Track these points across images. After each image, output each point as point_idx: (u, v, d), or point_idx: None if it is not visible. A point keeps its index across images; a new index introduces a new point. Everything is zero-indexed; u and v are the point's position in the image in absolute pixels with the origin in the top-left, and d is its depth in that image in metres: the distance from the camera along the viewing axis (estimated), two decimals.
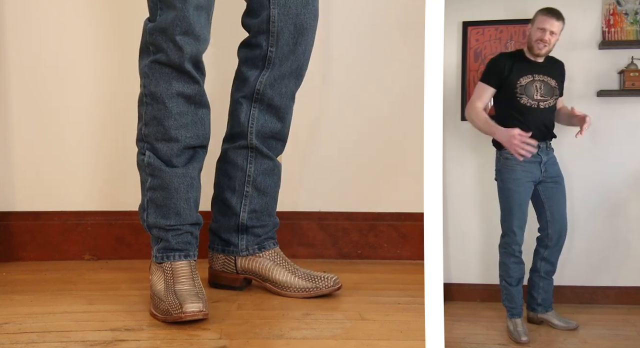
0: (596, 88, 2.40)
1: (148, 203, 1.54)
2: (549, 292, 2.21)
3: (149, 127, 1.51)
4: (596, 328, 2.22)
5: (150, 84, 1.49)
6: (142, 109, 1.53)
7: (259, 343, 1.30)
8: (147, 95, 1.50)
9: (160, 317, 1.42)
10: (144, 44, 1.50)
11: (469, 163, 2.41)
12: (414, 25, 2.12)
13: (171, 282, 1.47)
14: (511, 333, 2.09)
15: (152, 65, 1.48)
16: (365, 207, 2.13)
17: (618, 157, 2.40)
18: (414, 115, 2.16)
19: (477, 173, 2.49)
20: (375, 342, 1.32)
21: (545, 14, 2.17)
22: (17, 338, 1.28)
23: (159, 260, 1.52)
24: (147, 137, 1.52)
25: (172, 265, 1.50)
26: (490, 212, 2.47)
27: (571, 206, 2.42)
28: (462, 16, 2.49)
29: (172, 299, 1.41)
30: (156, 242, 1.54)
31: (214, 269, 1.73)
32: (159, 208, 1.52)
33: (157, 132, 1.50)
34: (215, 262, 1.72)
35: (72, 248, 2.03)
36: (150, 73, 1.48)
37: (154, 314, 1.45)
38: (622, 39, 2.41)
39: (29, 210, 2.02)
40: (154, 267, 1.55)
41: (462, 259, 2.48)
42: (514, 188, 2.15)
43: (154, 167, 1.51)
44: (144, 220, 1.56)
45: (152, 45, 1.47)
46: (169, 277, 1.48)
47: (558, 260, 2.22)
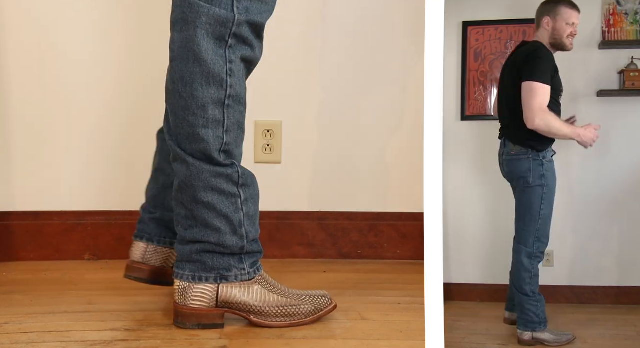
0: (596, 88, 2.41)
1: (244, 219, 1.35)
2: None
3: (230, 134, 1.32)
4: (596, 328, 2.23)
5: (237, 83, 1.31)
6: (219, 113, 1.30)
7: (259, 343, 1.30)
8: (231, 97, 1.30)
9: (307, 320, 1.38)
10: (221, 33, 1.27)
11: (468, 163, 2.42)
12: (414, 25, 2.12)
13: (278, 288, 1.39)
14: (555, 339, 2.07)
15: (240, 62, 1.31)
16: (365, 207, 2.13)
17: (618, 156, 2.41)
18: (414, 115, 2.17)
19: (477, 173, 2.49)
20: (375, 342, 1.32)
21: (571, 8, 2.13)
22: (17, 338, 1.28)
23: (252, 276, 1.37)
24: (229, 145, 1.32)
25: (262, 274, 1.40)
26: (490, 212, 2.48)
27: (571, 206, 2.42)
28: (462, 16, 2.50)
29: (307, 298, 1.39)
30: (249, 258, 1.38)
31: (152, 264, 1.52)
32: (251, 220, 1.37)
33: (237, 138, 1.34)
34: (157, 255, 1.52)
35: (72, 248, 2.03)
36: (237, 71, 1.30)
37: (294, 323, 1.37)
38: (622, 39, 2.42)
39: (29, 210, 2.02)
40: (238, 288, 1.36)
41: (462, 259, 2.49)
42: (554, 193, 2.10)
43: (247, 176, 1.36)
44: (243, 239, 1.35)
45: (239, 38, 1.29)
46: (269, 283, 1.39)
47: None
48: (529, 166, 2.08)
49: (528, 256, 2.08)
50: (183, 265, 1.34)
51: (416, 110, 2.18)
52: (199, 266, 1.34)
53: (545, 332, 2.08)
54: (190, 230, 1.33)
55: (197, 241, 1.33)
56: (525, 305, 2.09)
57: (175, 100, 1.30)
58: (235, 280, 1.35)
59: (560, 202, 2.21)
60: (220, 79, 1.28)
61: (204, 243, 1.33)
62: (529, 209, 2.08)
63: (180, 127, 1.30)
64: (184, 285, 1.33)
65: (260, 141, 2.13)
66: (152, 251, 1.49)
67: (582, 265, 2.43)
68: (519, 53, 2.13)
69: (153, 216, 1.50)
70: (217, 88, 1.28)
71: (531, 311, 2.08)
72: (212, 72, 1.27)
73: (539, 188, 2.07)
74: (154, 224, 1.50)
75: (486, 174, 2.44)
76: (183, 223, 1.35)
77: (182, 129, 1.30)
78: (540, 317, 2.08)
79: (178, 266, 1.35)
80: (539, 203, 2.07)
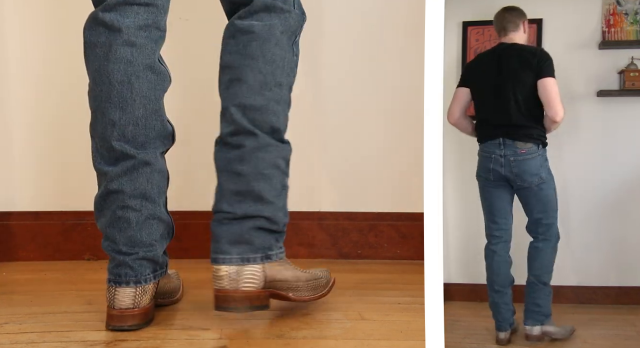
0: (596, 88, 2.41)
1: (286, 199, 1.44)
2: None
3: (287, 118, 1.49)
4: (596, 328, 2.23)
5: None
6: (289, 96, 1.45)
7: (259, 343, 1.30)
8: (292, 87, 1.48)
9: (325, 292, 1.48)
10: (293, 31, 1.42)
11: (468, 163, 2.41)
12: (414, 25, 2.12)
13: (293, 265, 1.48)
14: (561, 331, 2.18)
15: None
16: (365, 207, 2.13)
17: (618, 156, 2.41)
18: (413, 115, 2.17)
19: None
20: (375, 342, 1.32)
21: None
22: (17, 338, 1.28)
23: (284, 254, 1.45)
24: (286, 126, 1.48)
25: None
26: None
27: (571, 206, 2.42)
28: (462, 16, 2.50)
29: (318, 272, 1.49)
30: (282, 237, 1.44)
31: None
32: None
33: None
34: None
35: (72, 248, 2.03)
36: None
37: (318, 295, 1.47)
38: (622, 39, 2.42)
39: (29, 210, 2.02)
40: (277, 266, 1.41)
41: (462, 259, 2.49)
42: None
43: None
44: (286, 217, 1.43)
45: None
46: (287, 261, 1.46)
47: None
48: (540, 162, 2.13)
49: (556, 245, 2.18)
50: (228, 249, 1.34)
51: (416, 110, 2.18)
52: (246, 248, 1.35)
53: (551, 325, 2.13)
54: (239, 204, 1.35)
55: (249, 216, 1.35)
56: (542, 297, 2.16)
57: (253, 74, 1.35)
58: (275, 259, 1.39)
59: (561, 201, 2.21)
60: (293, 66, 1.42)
61: (256, 219, 1.35)
62: (548, 202, 2.16)
63: (255, 100, 1.35)
64: (234, 269, 1.34)
65: None
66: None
67: (582, 265, 2.43)
68: (523, 54, 2.16)
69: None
70: (292, 74, 1.42)
71: (546, 302, 2.15)
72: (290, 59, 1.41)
73: (551, 181, 2.17)
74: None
75: None
76: (230, 199, 1.35)
77: (255, 101, 1.35)
78: (549, 308, 2.14)
79: (222, 250, 1.34)
80: (554, 194, 2.17)
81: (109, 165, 1.32)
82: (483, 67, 2.24)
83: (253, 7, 1.38)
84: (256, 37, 1.36)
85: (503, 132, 2.17)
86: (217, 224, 1.36)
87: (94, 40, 1.31)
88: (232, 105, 1.36)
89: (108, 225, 1.32)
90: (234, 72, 1.36)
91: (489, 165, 2.19)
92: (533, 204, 2.17)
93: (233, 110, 1.35)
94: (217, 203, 1.37)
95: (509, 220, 2.22)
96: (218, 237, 1.35)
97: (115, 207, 1.31)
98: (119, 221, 1.31)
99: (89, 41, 1.32)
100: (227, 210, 1.35)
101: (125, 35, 1.29)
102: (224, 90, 1.38)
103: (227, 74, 1.38)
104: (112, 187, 1.30)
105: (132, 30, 1.30)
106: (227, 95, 1.37)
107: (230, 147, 1.36)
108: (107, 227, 1.32)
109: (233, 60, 1.37)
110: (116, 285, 1.31)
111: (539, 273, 2.18)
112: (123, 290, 1.31)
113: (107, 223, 1.32)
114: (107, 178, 1.31)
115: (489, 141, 2.19)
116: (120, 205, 1.30)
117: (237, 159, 1.35)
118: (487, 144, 2.20)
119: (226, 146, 1.37)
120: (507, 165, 2.15)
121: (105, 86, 1.32)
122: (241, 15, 1.38)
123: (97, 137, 1.35)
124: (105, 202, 1.32)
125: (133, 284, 1.31)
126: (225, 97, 1.38)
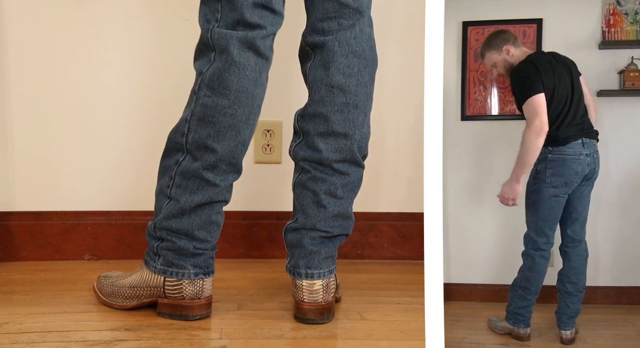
0: (596, 88, 2.41)
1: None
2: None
3: None
4: (596, 328, 2.23)
5: None
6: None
7: (259, 343, 1.30)
8: None
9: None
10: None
11: (468, 163, 2.41)
12: (414, 25, 2.12)
13: None
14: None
15: None
16: (365, 207, 2.13)
17: (618, 156, 2.40)
18: (413, 115, 2.17)
19: (477, 173, 2.49)
20: (375, 342, 1.32)
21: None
22: (17, 338, 1.28)
23: None
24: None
25: None
26: (490, 212, 2.47)
27: None
28: (462, 16, 2.50)
29: None
30: None
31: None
32: None
33: None
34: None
35: (72, 248, 2.03)
36: None
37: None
38: (622, 39, 2.41)
39: (29, 210, 2.02)
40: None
41: (462, 259, 2.49)
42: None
43: None
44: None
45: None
46: None
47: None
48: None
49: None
50: (320, 264, 1.43)
51: (416, 111, 2.18)
52: (330, 261, 1.46)
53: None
54: (334, 222, 1.44)
55: (340, 234, 1.47)
56: (576, 301, 2.15)
57: (368, 106, 1.46)
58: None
59: None
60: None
61: (344, 236, 1.48)
62: (588, 202, 2.17)
63: (366, 134, 1.47)
64: (325, 283, 1.43)
65: (260, 141, 2.13)
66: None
67: None
68: (556, 57, 2.19)
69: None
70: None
71: (579, 305, 2.16)
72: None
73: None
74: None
75: (486, 173, 2.44)
76: (331, 223, 1.44)
77: (367, 136, 1.48)
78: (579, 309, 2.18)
79: (316, 265, 1.43)
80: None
81: (221, 178, 1.40)
82: (549, 70, 2.16)
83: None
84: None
85: (582, 132, 2.13)
86: (312, 242, 1.43)
87: (244, 62, 1.35)
88: (354, 139, 1.44)
89: (200, 227, 1.41)
90: (363, 104, 1.44)
91: (576, 168, 2.10)
92: (587, 201, 2.17)
93: (353, 143, 1.43)
94: (317, 223, 1.43)
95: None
96: (315, 254, 1.43)
97: (213, 213, 1.41)
98: (212, 225, 1.42)
99: (239, 61, 1.34)
100: (324, 229, 1.43)
101: (269, 64, 1.41)
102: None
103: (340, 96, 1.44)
104: (218, 198, 1.40)
105: (270, 63, 1.42)
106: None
107: (338, 172, 1.44)
108: (197, 229, 1.41)
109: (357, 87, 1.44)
110: (204, 276, 1.43)
111: (577, 279, 2.19)
112: (209, 279, 1.44)
113: (198, 226, 1.40)
114: (216, 189, 1.39)
115: (573, 142, 2.11)
116: (217, 211, 1.42)
117: (345, 186, 1.45)
118: (570, 145, 2.10)
119: (332, 169, 1.44)
120: (592, 163, 2.13)
121: (248, 108, 1.38)
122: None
123: (221, 151, 1.38)
124: (203, 210, 1.40)
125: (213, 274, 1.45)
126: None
